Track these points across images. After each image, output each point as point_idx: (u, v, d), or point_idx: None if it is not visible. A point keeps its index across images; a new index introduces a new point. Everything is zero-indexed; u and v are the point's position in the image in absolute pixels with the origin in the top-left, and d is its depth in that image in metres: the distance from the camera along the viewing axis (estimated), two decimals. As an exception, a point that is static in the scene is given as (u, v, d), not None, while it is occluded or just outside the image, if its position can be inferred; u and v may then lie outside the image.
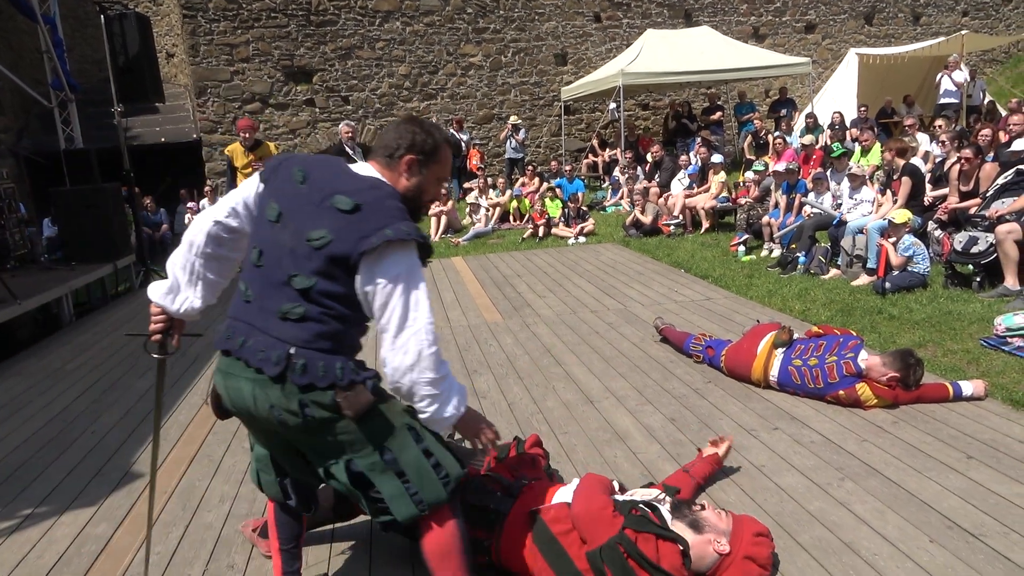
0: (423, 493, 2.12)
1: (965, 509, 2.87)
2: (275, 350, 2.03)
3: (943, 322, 5.32)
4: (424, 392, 2.03)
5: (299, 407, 2.04)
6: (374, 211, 2.03)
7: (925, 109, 15.14)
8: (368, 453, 2.11)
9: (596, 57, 16.44)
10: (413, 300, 2.02)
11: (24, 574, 2.87)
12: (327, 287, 2.03)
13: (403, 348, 2.00)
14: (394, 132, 2.20)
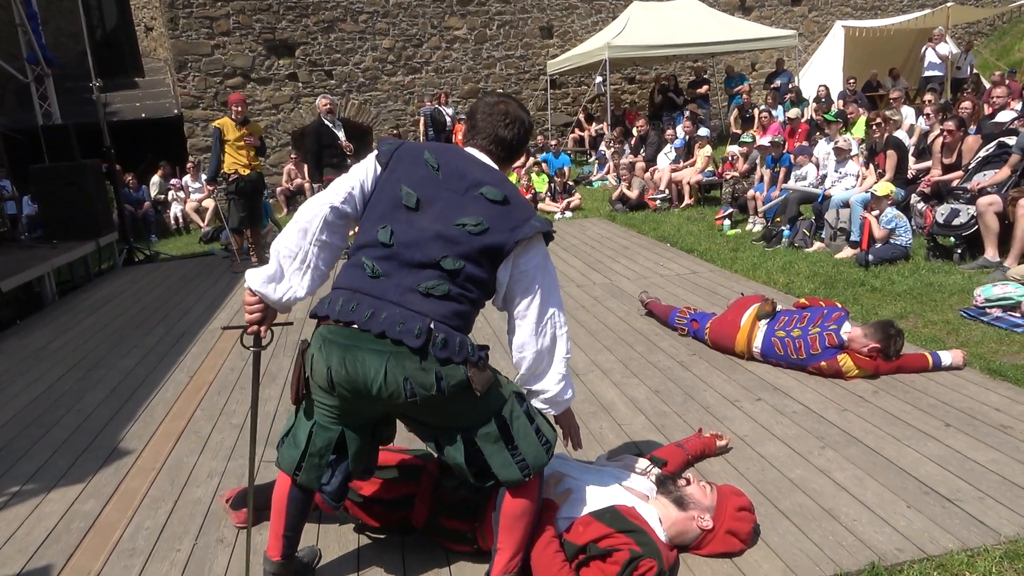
0: (528, 459, 2.23)
1: (942, 475, 2.93)
2: (415, 322, 2.05)
3: (924, 293, 5.39)
4: (558, 371, 2.27)
5: (435, 379, 2.06)
6: (519, 204, 2.21)
7: (911, 82, 15.17)
8: (486, 423, 2.20)
9: (582, 30, 16.29)
10: (551, 287, 2.23)
11: (13, 551, 2.88)
12: (473, 271, 2.14)
13: (543, 332, 2.22)
14: (522, 130, 2.31)
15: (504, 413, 2.22)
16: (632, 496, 2.47)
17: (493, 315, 5.62)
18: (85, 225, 8.48)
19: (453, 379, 2.08)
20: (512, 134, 2.28)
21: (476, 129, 2.30)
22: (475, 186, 2.17)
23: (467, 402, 2.14)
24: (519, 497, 2.25)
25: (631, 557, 2.19)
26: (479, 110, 2.31)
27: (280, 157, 14.18)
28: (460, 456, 2.20)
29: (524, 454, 2.22)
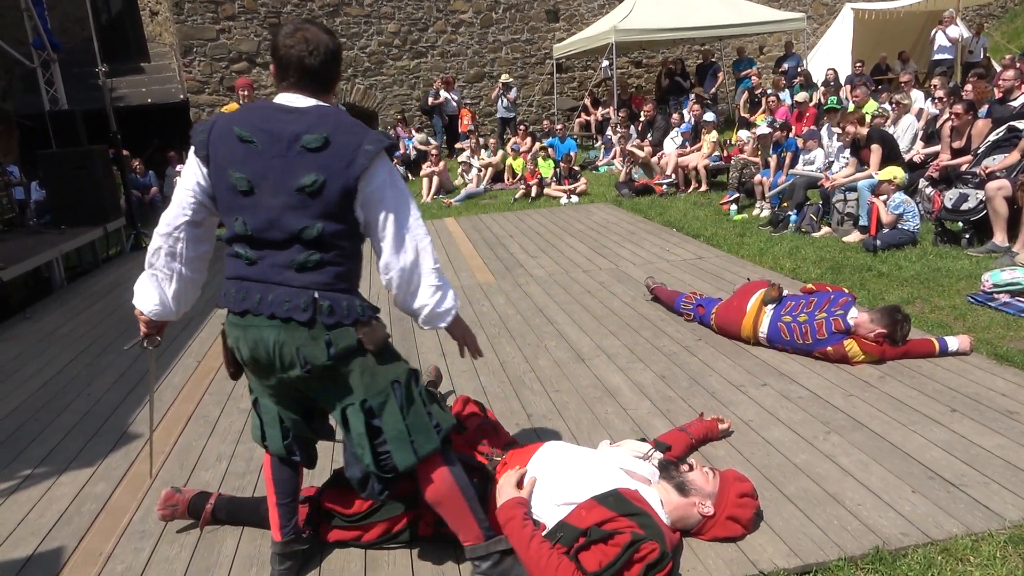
0: (418, 442, 2.22)
1: (947, 460, 2.93)
2: (300, 298, 2.10)
3: (931, 279, 5.37)
4: (430, 282, 2.19)
5: (325, 346, 2.12)
6: (344, 134, 2.09)
7: (920, 65, 15.01)
8: (381, 390, 2.20)
9: (588, 14, 16.17)
10: (401, 201, 2.15)
11: (26, 533, 2.92)
12: (333, 228, 2.10)
13: (403, 249, 2.14)
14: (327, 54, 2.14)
15: (400, 379, 2.24)
16: (634, 480, 2.49)
17: (499, 302, 5.63)
18: (93, 211, 8.51)
19: (342, 342, 2.13)
20: (319, 61, 2.13)
21: (281, 67, 2.15)
22: (294, 141, 2.07)
23: (361, 368, 2.18)
24: (427, 481, 2.28)
25: (632, 539, 2.20)
26: (279, 46, 2.14)
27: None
28: (361, 420, 2.19)
29: (414, 433, 2.22)
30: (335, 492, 2.63)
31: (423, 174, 12.09)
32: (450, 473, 2.30)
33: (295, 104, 2.15)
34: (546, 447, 2.67)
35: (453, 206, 10.93)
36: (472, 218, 9.72)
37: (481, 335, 4.90)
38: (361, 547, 2.62)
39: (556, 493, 2.44)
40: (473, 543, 2.34)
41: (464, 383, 4.11)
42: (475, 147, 12.50)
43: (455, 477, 2.31)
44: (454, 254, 7.52)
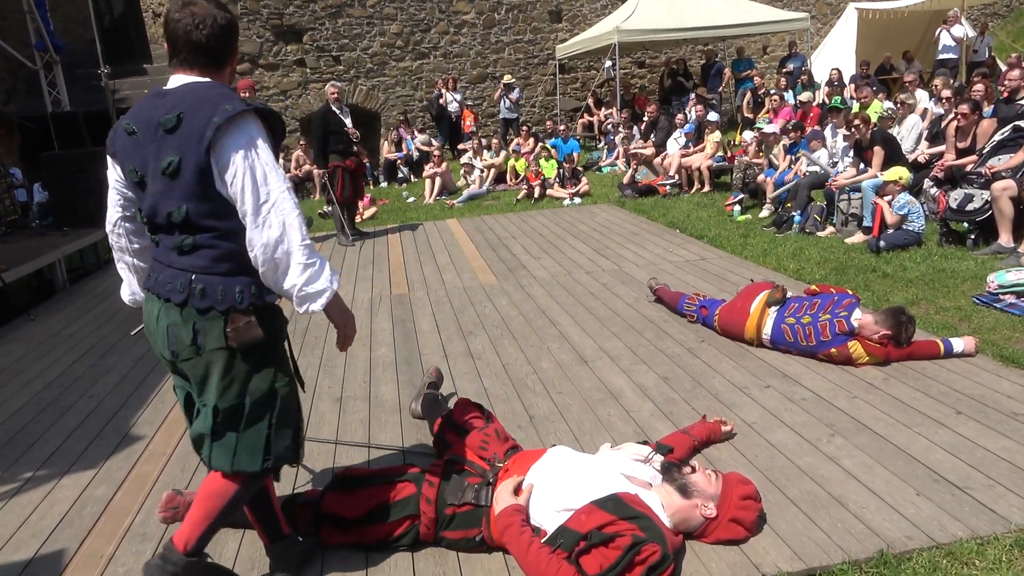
0: (240, 457, 2.17)
1: (952, 463, 2.91)
2: (179, 279, 2.10)
3: (936, 280, 5.34)
4: (299, 260, 2.03)
5: (192, 332, 2.10)
6: (197, 109, 2.01)
7: (925, 65, 14.97)
8: (234, 396, 2.15)
9: (591, 14, 16.15)
10: (260, 172, 2.01)
11: (27, 535, 2.92)
12: (197, 208, 2.05)
13: (266, 223, 2.00)
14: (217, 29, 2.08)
15: (253, 394, 2.16)
16: (634, 484, 2.47)
17: (502, 303, 5.62)
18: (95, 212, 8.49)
19: (210, 334, 2.09)
20: (205, 35, 2.07)
21: (170, 44, 2.11)
22: (159, 125, 2.05)
23: (222, 370, 2.12)
24: (221, 480, 2.23)
25: (633, 542, 2.19)
26: (168, 23, 2.10)
27: (288, 143, 14.16)
28: (210, 419, 2.16)
29: (240, 446, 2.17)
30: (336, 496, 2.62)
31: (426, 175, 12.09)
32: (232, 494, 2.23)
33: (172, 85, 2.12)
34: (549, 453, 2.66)
35: (456, 207, 10.92)
36: (475, 219, 9.72)
37: (484, 336, 4.89)
38: (362, 551, 2.61)
39: (555, 499, 2.43)
40: (178, 545, 2.26)
41: (466, 384, 4.10)
42: (477, 148, 12.49)
43: (232, 497, 2.24)
44: (456, 255, 7.51)
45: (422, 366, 4.40)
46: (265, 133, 2.08)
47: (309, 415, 3.84)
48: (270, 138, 2.11)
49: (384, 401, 3.96)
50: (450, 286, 6.29)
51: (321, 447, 3.47)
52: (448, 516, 2.54)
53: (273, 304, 2.20)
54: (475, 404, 3.16)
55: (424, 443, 3.39)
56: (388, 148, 14.24)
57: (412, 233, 8.99)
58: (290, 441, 2.24)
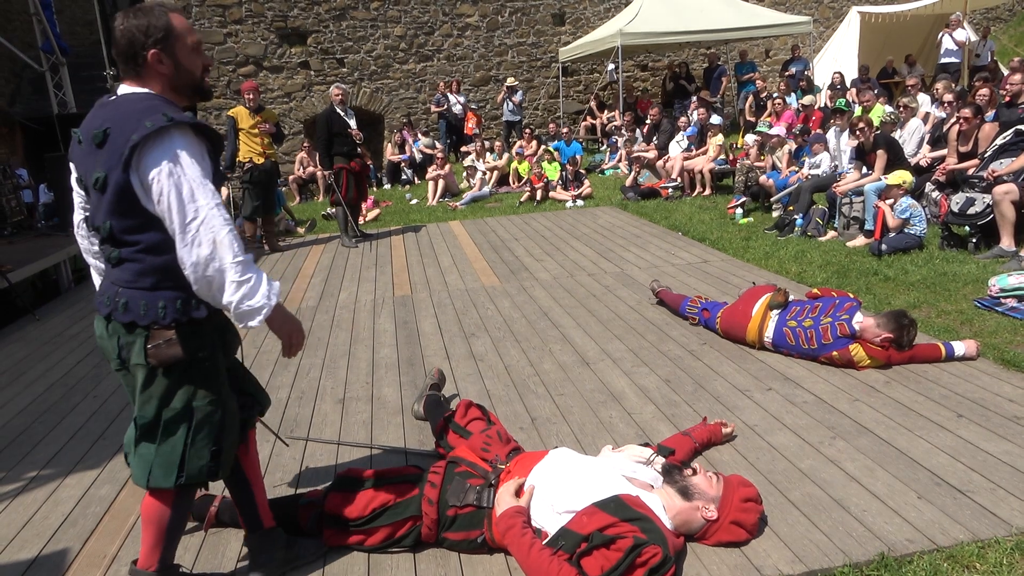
0: (155, 473, 2.19)
1: (953, 466, 2.92)
2: (108, 293, 2.16)
3: (938, 283, 5.34)
4: (232, 278, 1.99)
5: (117, 347, 2.15)
6: (121, 124, 2.00)
7: (927, 69, 14.97)
8: (152, 411, 2.17)
9: (594, 17, 16.18)
10: (186, 188, 1.97)
11: (31, 535, 2.93)
12: (120, 224, 2.06)
13: (196, 240, 1.96)
14: (121, 39, 2.08)
15: (168, 412, 2.16)
16: (635, 486, 2.48)
17: (504, 305, 5.63)
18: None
19: (132, 348, 2.12)
20: (125, 41, 2.07)
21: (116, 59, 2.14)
22: (93, 138, 2.05)
23: (144, 383, 2.15)
24: (151, 499, 2.26)
25: (635, 544, 2.20)
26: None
27: (292, 145, 14.21)
28: (134, 429, 2.21)
29: (155, 462, 2.18)
30: (339, 496, 2.63)
31: (429, 177, 12.11)
32: (168, 511, 2.26)
33: (122, 90, 2.13)
34: (550, 455, 2.66)
35: (458, 209, 10.94)
36: (477, 221, 9.73)
37: (486, 338, 4.90)
38: (364, 551, 2.62)
39: (557, 500, 2.43)
40: (144, 568, 2.32)
41: (468, 386, 4.11)
42: (480, 150, 12.51)
43: (171, 515, 2.27)
44: (459, 257, 7.53)
45: (424, 367, 4.42)
46: (195, 147, 2.04)
47: (312, 416, 3.86)
48: (205, 151, 2.09)
49: (386, 402, 3.98)
50: (453, 288, 6.30)
51: (323, 448, 3.49)
52: (450, 517, 2.55)
53: (200, 320, 2.16)
54: (477, 406, 3.17)
55: (426, 444, 3.40)
56: (391, 150, 14.27)
57: (415, 235, 9.01)
58: (207, 460, 2.21)
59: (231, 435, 2.30)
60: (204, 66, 2.21)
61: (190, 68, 2.15)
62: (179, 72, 2.13)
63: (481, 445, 2.78)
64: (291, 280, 7.11)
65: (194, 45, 2.16)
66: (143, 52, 2.07)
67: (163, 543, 2.30)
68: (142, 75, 2.11)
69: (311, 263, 7.84)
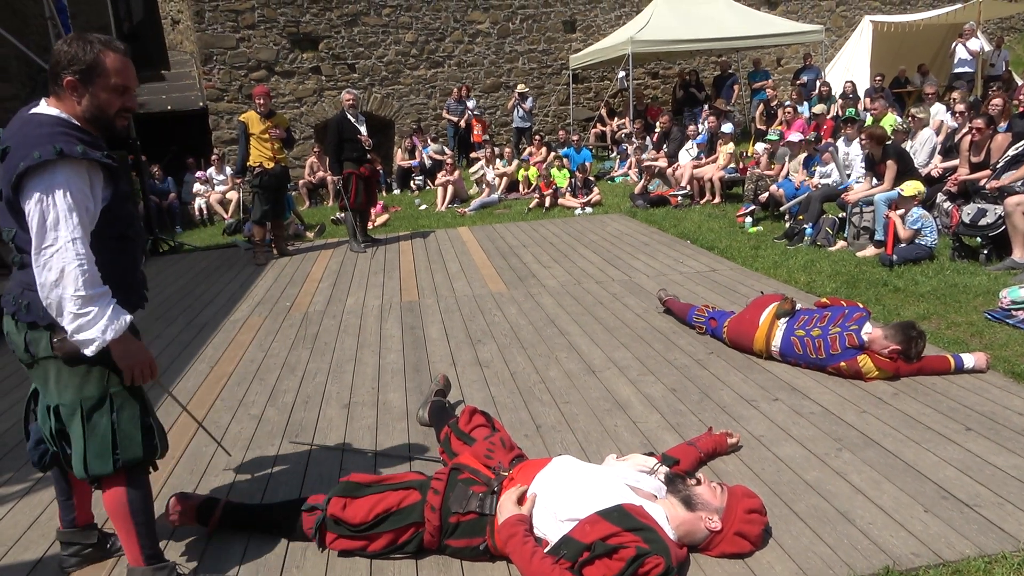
0: (92, 462, 2.29)
1: (961, 480, 2.89)
2: (13, 292, 2.27)
3: (948, 295, 5.30)
4: (70, 310, 2.09)
5: (24, 343, 2.27)
6: (19, 147, 2.10)
7: (940, 78, 14.90)
8: (69, 402, 2.28)
9: (605, 24, 16.20)
10: (51, 217, 2.06)
11: (37, 535, 2.95)
12: (20, 234, 2.18)
13: (46, 265, 2.06)
14: (52, 57, 2.20)
15: (88, 401, 2.27)
16: (639, 496, 2.47)
17: (511, 312, 5.63)
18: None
19: (39, 344, 2.25)
20: (53, 60, 2.19)
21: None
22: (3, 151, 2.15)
23: (56, 374, 2.27)
24: (106, 493, 2.35)
25: (637, 554, 2.19)
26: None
27: (303, 150, 14.29)
28: (52, 423, 2.32)
29: (88, 452, 2.28)
30: (341, 502, 2.63)
31: (438, 183, 12.14)
32: (124, 495, 2.35)
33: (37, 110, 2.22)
34: (554, 463, 2.66)
35: (467, 215, 10.96)
36: (486, 227, 9.75)
37: (492, 345, 4.90)
38: (366, 557, 2.62)
39: (560, 508, 2.43)
40: (134, 565, 2.41)
41: (474, 393, 4.11)
42: (490, 156, 12.54)
43: (129, 501, 2.35)
44: (467, 263, 7.54)
45: (430, 373, 4.42)
46: (78, 181, 2.10)
47: (317, 421, 3.87)
48: (98, 181, 2.18)
49: (392, 408, 3.98)
50: (460, 294, 6.31)
51: (328, 453, 3.49)
52: (452, 524, 2.54)
53: None
54: (481, 412, 3.17)
55: (431, 451, 3.40)
56: (401, 156, 14.33)
57: (423, 240, 9.03)
58: (139, 439, 2.33)
59: (152, 411, 2.44)
60: (123, 107, 2.28)
61: (102, 106, 2.23)
62: (90, 105, 2.21)
63: (484, 452, 2.77)
64: (299, 284, 7.13)
65: (117, 86, 2.23)
66: (61, 75, 2.18)
67: (135, 533, 2.37)
68: (59, 96, 2.21)
69: (319, 268, 7.86)
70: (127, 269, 2.36)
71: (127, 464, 2.31)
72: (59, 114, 2.18)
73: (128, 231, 2.35)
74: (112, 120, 2.26)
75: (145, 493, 2.41)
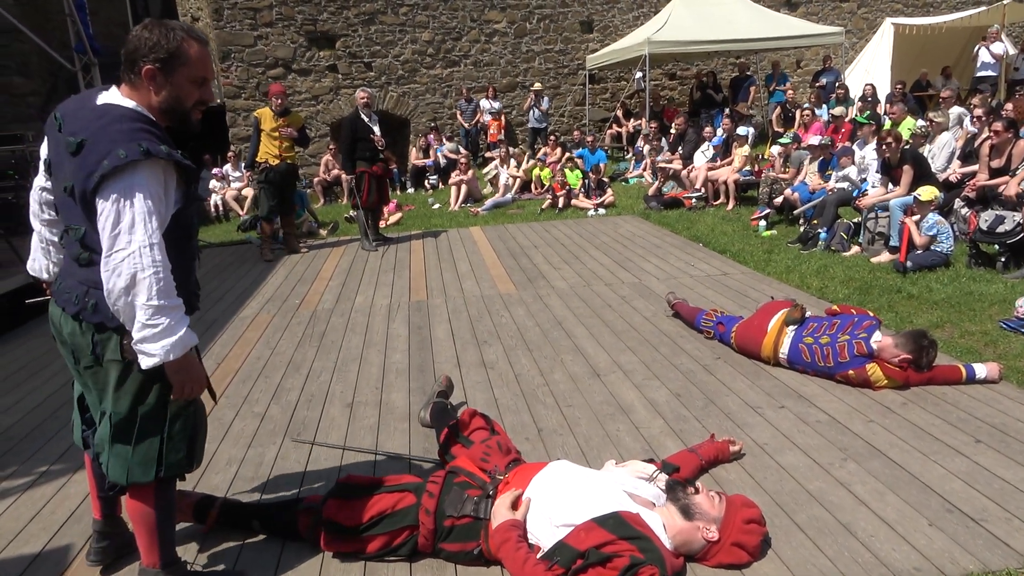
0: (134, 470, 2.22)
1: (968, 493, 2.83)
2: (76, 291, 2.16)
3: (963, 302, 5.21)
4: (140, 319, 1.99)
5: (91, 344, 2.17)
6: (96, 143, 1.99)
7: (962, 82, 14.68)
8: (126, 409, 2.20)
9: (623, 25, 16.12)
10: (127, 219, 1.96)
11: (38, 528, 2.97)
12: (92, 234, 2.06)
13: (116, 270, 1.96)
14: (129, 44, 2.09)
15: (143, 408, 2.20)
16: (636, 503, 2.44)
17: (519, 313, 5.60)
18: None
19: (107, 346, 2.16)
20: (131, 47, 2.09)
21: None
22: (68, 145, 2.04)
23: (117, 381, 2.18)
24: (133, 500, 2.30)
25: (631, 563, 2.16)
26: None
27: (318, 148, 14.34)
28: (107, 427, 2.22)
29: (134, 461, 2.21)
30: (337, 503, 2.62)
31: (451, 182, 12.14)
32: (152, 503, 2.30)
33: (104, 99, 2.12)
34: (550, 467, 2.63)
35: (480, 215, 10.95)
36: (498, 227, 9.73)
37: (498, 346, 4.88)
38: (361, 559, 2.61)
39: (555, 514, 2.40)
40: (149, 566, 2.37)
41: (477, 394, 4.09)
42: (504, 156, 12.52)
43: (156, 510, 2.31)
44: (477, 263, 7.52)
45: (435, 374, 4.40)
46: (156, 183, 2.02)
47: (319, 420, 3.87)
48: (173, 183, 2.09)
49: (394, 408, 3.97)
50: (468, 294, 6.29)
51: (328, 452, 3.49)
52: (447, 528, 2.53)
53: None
54: (481, 415, 3.15)
55: (430, 452, 3.38)
56: (416, 155, 14.34)
57: (435, 240, 9.03)
58: (183, 455, 2.28)
59: (203, 426, 2.39)
60: (201, 100, 2.20)
61: (182, 96, 2.14)
62: (169, 96, 2.12)
63: (481, 455, 2.75)
64: (309, 282, 7.15)
65: (198, 79, 2.15)
66: (140, 63, 2.08)
67: (157, 539, 2.33)
68: (135, 84, 2.12)
69: (330, 265, 7.88)
70: (187, 273, 2.28)
71: (169, 474, 2.27)
72: (136, 107, 2.08)
73: (191, 233, 2.30)
74: (188, 112, 2.17)
75: (171, 502, 2.38)
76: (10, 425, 4.08)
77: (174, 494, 2.41)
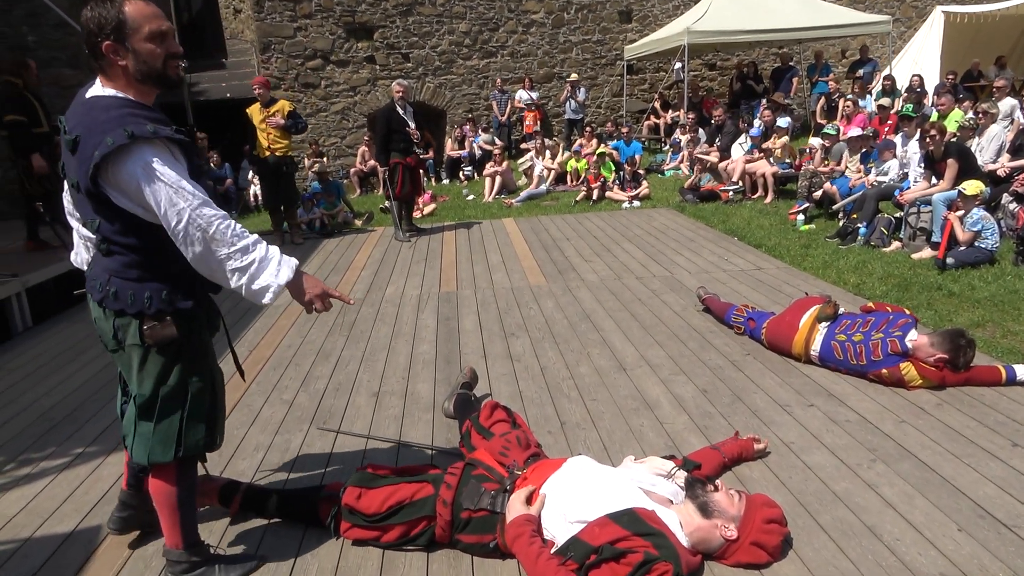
0: (155, 449, 2.29)
1: (1002, 499, 2.74)
2: (100, 279, 2.22)
3: (1007, 301, 5.04)
4: (231, 267, 2.09)
5: (113, 329, 2.24)
6: (87, 135, 2.04)
7: (1018, 72, 14.13)
8: (149, 391, 2.26)
9: (662, 14, 15.89)
10: (165, 196, 2.02)
11: (71, 509, 3.07)
12: (108, 224, 2.13)
13: (188, 240, 2.05)
14: (83, 31, 2.08)
15: (164, 389, 2.26)
16: (652, 500, 2.41)
17: (548, 305, 5.58)
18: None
19: (127, 331, 2.22)
20: (85, 33, 2.07)
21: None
22: (67, 143, 2.09)
23: (140, 363, 2.24)
24: (155, 479, 2.36)
25: (645, 559, 2.14)
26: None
27: (355, 139, 14.47)
28: (134, 408, 2.30)
29: (155, 440, 2.27)
30: (357, 491, 2.65)
31: (486, 174, 12.15)
32: (174, 484, 2.36)
33: (93, 91, 2.14)
34: (568, 463, 2.62)
35: (514, 207, 10.93)
36: (531, 219, 9.70)
37: (525, 338, 4.87)
38: (379, 547, 2.64)
39: (570, 510, 2.39)
40: (172, 547, 2.44)
41: (502, 387, 4.09)
42: (540, 148, 12.47)
43: (177, 490, 2.37)
44: (508, 255, 7.52)
45: (461, 365, 4.42)
46: (162, 153, 2.06)
47: (346, 408, 3.91)
48: (175, 151, 2.12)
49: (419, 398, 4.00)
50: (498, 286, 6.29)
51: (352, 441, 3.53)
52: (464, 520, 2.54)
53: (186, 310, 2.26)
54: (503, 408, 3.15)
55: (453, 443, 3.40)
56: (451, 145, 14.37)
57: (467, 231, 9.05)
58: (203, 435, 2.35)
59: (222, 407, 2.46)
60: (168, 53, 2.13)
61: (147, 59, 2.09)
62: (136, 63, 2.09)
63: (500, 449, 2.75)
64: (343, 272, 7.23)
65: (153, 33, 2.08)
66: (99, 44, 2.06)
67: (179, 520, 2.40)
68: (105, 71, 2.12)
69: (363, 255, 7.96)
70: None
71: (189, 453, 2.33)
72: (117, 94, 2.11)
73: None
74: (163, 71, 2.13)
75: (192, 483, 2.45)
76: (51, 406, 4.21)
77: (195, 475, 2.47)
